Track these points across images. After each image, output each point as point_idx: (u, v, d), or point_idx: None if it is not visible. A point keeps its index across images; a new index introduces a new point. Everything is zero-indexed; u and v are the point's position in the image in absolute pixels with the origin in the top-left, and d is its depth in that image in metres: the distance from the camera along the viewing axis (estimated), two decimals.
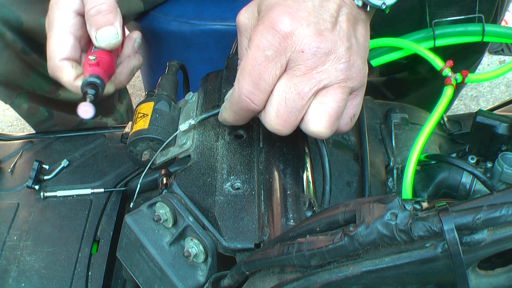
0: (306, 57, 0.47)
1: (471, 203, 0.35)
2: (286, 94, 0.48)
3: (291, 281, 0.40)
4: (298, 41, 0.47)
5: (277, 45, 0.47)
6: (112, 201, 0.81)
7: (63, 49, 0.62)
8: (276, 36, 0.46)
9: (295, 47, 0.47)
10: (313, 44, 0.47)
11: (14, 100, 0.96)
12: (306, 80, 0.47)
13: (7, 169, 0.87)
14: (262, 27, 0.47)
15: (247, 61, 0.48)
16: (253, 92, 0.48)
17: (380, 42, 0.67)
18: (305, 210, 0.51)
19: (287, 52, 0.47)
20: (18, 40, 0.83)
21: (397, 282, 0.37)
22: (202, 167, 0.55)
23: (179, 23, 1.04)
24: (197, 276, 0.50)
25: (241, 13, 0.52)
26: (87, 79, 0.59)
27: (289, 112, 0.48)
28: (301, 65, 0.47)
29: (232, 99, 0.51)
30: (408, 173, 0.59)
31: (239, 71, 0.49)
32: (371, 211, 0.37)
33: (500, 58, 1.73)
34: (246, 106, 0.49)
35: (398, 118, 0.72)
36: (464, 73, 0.64)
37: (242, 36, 0.53)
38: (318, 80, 0.47)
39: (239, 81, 0.49)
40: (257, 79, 0.48)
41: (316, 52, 0.47)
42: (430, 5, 0.79)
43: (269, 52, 0.47)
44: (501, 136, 0.65)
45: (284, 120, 0.49)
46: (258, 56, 0.47)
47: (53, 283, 0.71)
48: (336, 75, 0.48)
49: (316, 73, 0.47)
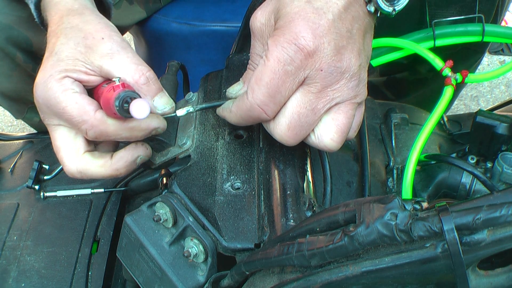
0: (324, 76, 0.48)
1: (471, 203, 0.35)
2: (300, 109, 0.49)
3: (291, 281, 0.40)
4: (318, 60, 0.47)
5: (299, 62, 0.47)
6: (112, 201, 0.81)
7: (74, 152, 0.55)
8: (298, 52, 0.47)
9: (315, 65, 0.47)
10: (332, 64, 0.47)
11: (26, 114, 0.96)
12: (321, 97, 0.48)
13: (7, 169, 0.87)
14: (283, 40, 0.47)
15: (265, 72, 0.48)
16: (267, 104, 0.49)
17: (380, 42, 0.67)
18: (305, 210, 0.51)
19: (306, 69, 0.47)
20: (29, 60, 0.83)
21: (397, 282, 0.37)
22: (202, 167, 0.55)
23: (179, 24, 1.04)
24: (197, 276, 0.50)
25: (256, 17, 0.52)
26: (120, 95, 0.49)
27: (301, 126, 0.49)
28: (318, 83, 0.48)
29: (243, 105, 0.50)
30: (408, 173, 0.59)
31: (254, 79, 0.49)
32: (371, 211, 0.37)
33: (500, 58, 1.73)
34: (257, 116, 0.50)
35: (398, 118, 0.72)
36: (464, 73, 0.64)
37: (257, 41, 0.53)
38: (332, 98, 0.49)
39: (253, 90, 0.49)
40: (273, 92, 0.48)
41: (333, 71, 0.48)
42: (430, 5, 0.79)
43: (290, 68, 0.47)
44: (501, 136, 0.65)
45: (295, 133, 0.50)
46: (278, 70, 0.47)
47: (53, 283, 0.71)
48: (348, 93, 0.49)
49: (331, 90, 0.48)
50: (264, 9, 0.51)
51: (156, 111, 0.54)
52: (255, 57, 0.53)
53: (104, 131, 0.51)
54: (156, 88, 0.54)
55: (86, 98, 0.52)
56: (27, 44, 0.81)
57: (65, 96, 0.51)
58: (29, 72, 0.86)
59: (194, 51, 1.07)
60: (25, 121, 0.99)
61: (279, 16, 0.49)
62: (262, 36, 0.52)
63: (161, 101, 0.54)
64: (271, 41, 0.48)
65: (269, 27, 0.51)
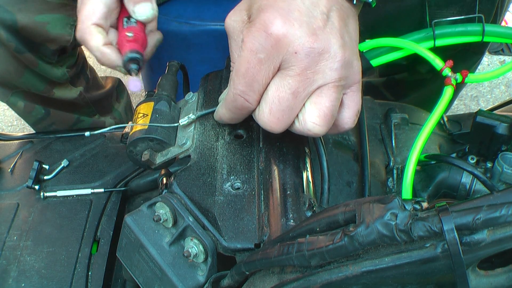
0: (300, 58, 0.47)
1: (471, 203, 0.35)
2: (280, 93, 0.48)
3: (291, 281, 0.40)
4: (291, 43, 0.47)
5: (269, 48, 0.47)
6: (112, 201, 0.81)
7: (96, 15, 0.64)
8: (268, 39, 0.47)
9: (288, 49, 0.47)
10: (307, 45, 0.47)
11: (10, 98, 0.96)
12: (300, 80, 0.48)
13: (7, 169, 0.87)
14: (254, 29, 0.47)
15: (241, 63, 0.48)
16: (247, 93, 0.49)
17: (380, 42, 0.67)
18: (305, 210, 0.51)
19: (280, 54, 0.47)
20: (12, 38, 0.83)
21: (397, 282, 0.37)
22: (202, 167, 0.55)
23: (179, 23, 1.04)
24: (197, 276, 0.50)
25: (229, 16, 0.52)
26: (128, 55, 0.61)
27: (282, 110, 0.49)
28: (294, 66, 0.48)
29: (228, 98, 0.52)
30: (408, 173, 0.59)
31: (233, 72, 0.50)
32: (371, 211, 0.37)
33: (500, 58, 1.73)
34: (240, 105, 0.51)
35: (398, 118, 0.72)
36: (464, 73, 0.64)
37: (231, 39, 0.53)
38: (313, 80, 0.48)
39: (233, 81, 0.50)
40: (250, 81, 0.48)
41: (310, 53, 0.47)
42: (430, 5, 0.79)
43: (262, 55, 0.47)
44: (501, 136, 0.65)
45: (277, 118, 0.49)
46: (251, 59, 0.48)
47: (53, 283, 0.71)
48: (331, 75, 0.48)
49: (310, 72, 0.48)
50: (237, 8, 0.52)
51: (135, 15, 0.64)
52: (233, 55, 0.54)
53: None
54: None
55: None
56: (12, 21, 0.82)
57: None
58: (11, 52, 0.86)
59: (194, 51, 1.07)
60: (9, 105, 0.99)
61: (251, 12, 0.49)
62: (234, 33, 0.52)
63: (140, 7, 0.63)
64: (244, 33, 0.48)
65: (241, 23, 0.51)
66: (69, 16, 0.87)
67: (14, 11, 0.81)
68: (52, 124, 1.06)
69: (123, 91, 1.30)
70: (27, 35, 0.84)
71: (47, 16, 0.85)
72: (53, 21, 0.85)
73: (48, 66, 0.93)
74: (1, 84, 0.93)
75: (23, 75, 0.91)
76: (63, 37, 0.88)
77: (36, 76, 0.93)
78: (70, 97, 1.03)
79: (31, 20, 0.83)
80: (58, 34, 0.87)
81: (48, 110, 1.03)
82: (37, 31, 0.84)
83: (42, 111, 1.02)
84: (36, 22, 0.83)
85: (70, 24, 0.88)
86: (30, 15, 0.83)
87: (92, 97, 1.11)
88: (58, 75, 0.96)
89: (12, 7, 0.81)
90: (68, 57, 0.98)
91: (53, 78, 0.96)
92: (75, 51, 1.01)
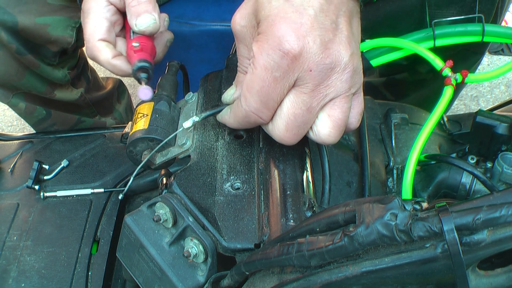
0: (314, 76, 0.47)
1: (471, 203, 0.35)
2: (295, 110, 0.49)
3: (291, 281, 0.40)
4: (306, 61, 0.47)
5: (285, 67, 0.46)
6: (112, 201, 0.81)
7: (100, 31, 0.65)
8: (284, 58, 0.46)
9: (303, 67, 0.47)
10: (321, 62, 0.47)
11: (11, 99, 0.96)
12: (314, 96, 0.48)
13: (7, 169, 0.87)
14: (268, 47, 0.46)
15: (255, 81, 0.48)
16: (261, 110, 0.49)
17: (380, 42, 0.67)
18: (305, 210, 0.51)
19: (295, 72, 0.47)
20: (13, 40, 0.84)
21: (397, 282, 0.37)
22: (202, 167, 0.55)
23: (178, 23, 1.04)
24: (197, 276, 0.50)
25: (236, 20, 0.52)
26: (137, 64, 0.63)
27: (298, 126, 0.49)
28: (309, 83, 0.48)
29: (239, 113, 0.51)
30: (408, 173, 0.59)
31: (245, 87, 0.49)
32: (371, 211, 0.36)
33: (500, 58, 1.73)
34: (254, 121, 0.51)
35: (398, 118, 0.72)
36: (464, 73, 0.64)
37: (241, 43, 0.52)
38: (325, 94, 0.49)
39: (246, 98, 0.49)
40: (265, 99, 0.48)
41: (323, 69, 0.47)
42: (430, 5, 0.79)
43: (277, 74, 0.47)
44: (501, 136, 0.65)
45: (293, 133, 0.50)
46: (266, 78, 0.47)
47: (53, 283, 0.71)
48: (342, 86, 0.49)
49: (323, 87, 0.48)
50: (243, 11, 0.51)
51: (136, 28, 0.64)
52: (242, 59, 0.53)
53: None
54: (142, 10, 0.64)
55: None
56: (13, 23, 0.82)
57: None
58: (12, 53, 0.86)
59: (194, 51, 1.06)
60: (10, 107, 0.99)
61: (260, 19, 0.48)
62: (245, 38, 0.51)
63: (141, 19, 0.64)
64: (256, 47, 0.47)
65: (250, 28, 0.50)
66: (70, 18, 0.87)
67: (15, 13, 0.81)
68: (53, 125, 1.06)
69: (124, 92, 1.30)
70: (28, 37, 0.85)
71: (48, 18, 0.85)
72: (54, 23, 0.85)
73: (49, 68, 0.93)
74: (3, 85, 0.93)
75: (24, 76, 0.91)
76: (64, 39, 0.88)
77: (37, 78, 0.93)
78: (71, 98, 1.03)
79: (32, 22, 0.83)
80: (59, 36, 0.87)
81: (49, 111, 1.03)
82: (38, 33, 0.85)
83: (43, 112, 1.02)
84: (37, 24, 0.83)
85: (71, 26, 0.88)
86: (31, 17, 0.83)
87: (93, 98, 1.11)
88: (59, 77, 0.96)
89: (13, 9, 0.81)
90: (69, 59, 0.98)
91: (54, 79, 0.96)
92: (76, 53, 1.01)
